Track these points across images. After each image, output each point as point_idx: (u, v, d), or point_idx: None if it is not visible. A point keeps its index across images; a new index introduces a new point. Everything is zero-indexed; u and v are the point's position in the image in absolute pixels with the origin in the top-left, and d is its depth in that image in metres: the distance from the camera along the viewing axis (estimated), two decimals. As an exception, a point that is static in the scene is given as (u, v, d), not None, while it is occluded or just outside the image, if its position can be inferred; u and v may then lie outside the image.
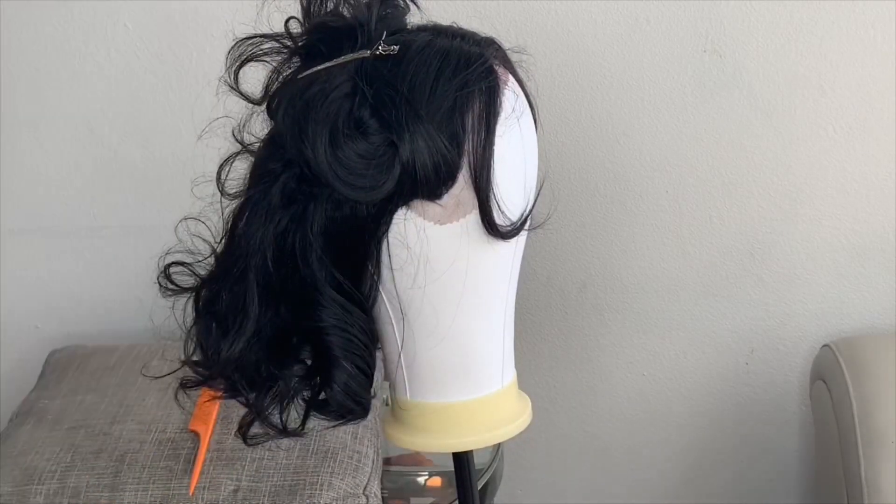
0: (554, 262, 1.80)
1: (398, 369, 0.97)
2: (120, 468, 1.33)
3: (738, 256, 1.76)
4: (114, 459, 1.35)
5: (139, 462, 1.34)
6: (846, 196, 1.70)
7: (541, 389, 1.89)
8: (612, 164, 1.72)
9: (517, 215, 0.91)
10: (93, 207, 1.81)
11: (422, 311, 0.93)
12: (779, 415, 1.88)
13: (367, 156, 0.85)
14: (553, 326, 1.86)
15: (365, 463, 1.36)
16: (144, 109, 1.73)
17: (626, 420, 1.92)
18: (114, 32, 1.69)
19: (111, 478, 1.32)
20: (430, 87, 0.85)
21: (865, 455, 1.51)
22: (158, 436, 1.38)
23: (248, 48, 0.92)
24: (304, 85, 0.87)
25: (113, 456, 1.36)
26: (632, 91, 1.67)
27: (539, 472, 1.99)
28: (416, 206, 0.88)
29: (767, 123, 1.67)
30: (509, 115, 0.89)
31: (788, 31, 1.61)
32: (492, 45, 0.92)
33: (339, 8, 0.90)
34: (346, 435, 1.38)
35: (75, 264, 1.84)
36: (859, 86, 1.64)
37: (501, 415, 1.00)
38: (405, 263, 0.90)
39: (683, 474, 1.95)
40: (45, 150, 1.77)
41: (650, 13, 1.62)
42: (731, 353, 1.84)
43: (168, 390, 1.36)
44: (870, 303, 1.77)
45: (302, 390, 0.96)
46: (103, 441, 1.39)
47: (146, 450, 1.36)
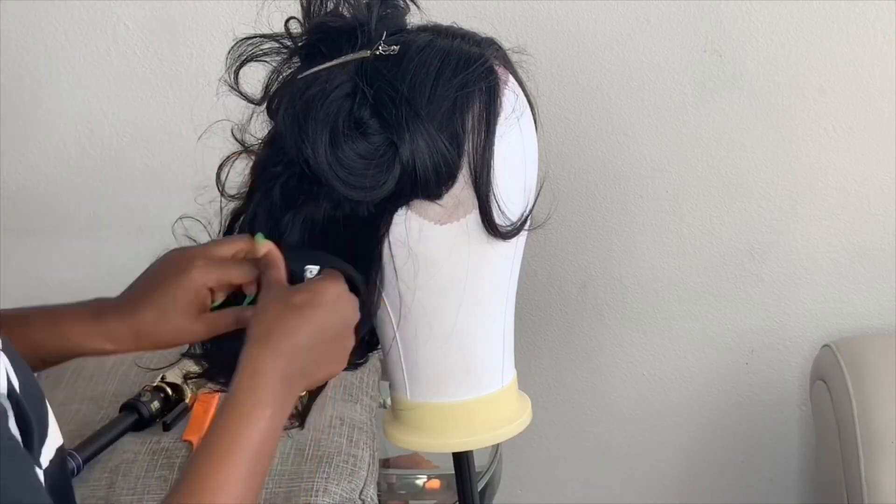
0: (554, 262, 1.80)
1: (398, 369, 0.97)
2: (114, 479, 1.32)
3: (738, 256, 1.76)
4: (108, 471, 1.33)
5: (133, 473, 1.32)
6: (846, 196, 1.70)
7: (541, 389, 1.89)
8: (612, 164, 1.72)
9: (517, 215, 0.91)
10: (93, 207, 1.80)
11: (422, 310, 0.93)
12: (779, 415, 1.88)
13: (368, 156, 0.85)
14: (553, 326, 1.86)
15: (361, 467, 1.35)
16: (144, 109, 1.73)
17: (626, 420, 1.92)
18: (114, 32, 1.69)
19: (105, 489, 1.31)
20: (430, 87, 0.85)
21: (865, 455, 1.51)
22: (153, 446, 1.37)
23: (248, 48, 0.91)
24: (304, 85, 0.87)
25: (107, 467, 1.34)
26: (632, 91, 1.67)
27: (539, 472, 1.99)
28: (416, 206, 0.88)
29: (767, 123, 1.67)
30: (509, 115, 0.89)
31: (788, 31, 1.61)
32: (492, 45, 0.92)
33: (339, 8, 0.90)
34: (342, 439, 1.38)
35: (75, 264, 1.84)
36: (859, 86, 1.64)
37: (501, 415, 1.00)
38: (405, 263, 0.90)
39: (683, 474, 1.95)
40: (45, 151, 1.77)
41: (650, 13, 1.62)
42: (731, 353, 1.84)
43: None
44: (870, 303, 1.77)
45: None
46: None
47: (140, 460, 1.34)
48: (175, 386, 1.41)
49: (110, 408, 1.44)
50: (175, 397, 1.41)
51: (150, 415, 1.39)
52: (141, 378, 1.47)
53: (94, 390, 1.51)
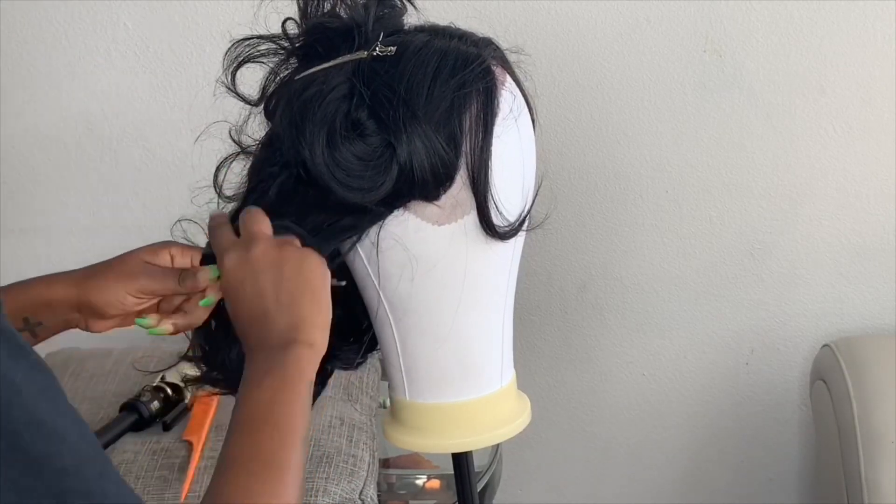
0: (554, 262, 1.80)
1: (397, 370, 0.97)
2: None
3: (738, 256, 1.76)
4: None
5: (133, 472, 1.33)
6: (846, 196, 1.70)
7: (541, 389, 1.89)
8: (612, 164, 1.72)
9: (515, 216, 0.91)
10: (93, 207, 1.80)
11: (420, 311, 0.93)
12: (779, 415, 1.88)
13: (365, 157, 0.85)
14: (553, 326, 1.86)
15: (361, 467, 1.35)
16: (144, 109, 1.73)
17: (626, 420, 1.92)
18: (114, 32, 1.69)
19: None
20: (427, 87, 0.85)
21: (865, 455, 1.51)
22: (153, 446, 1.37)
23: (246, 49, 0.92)
24: (301, 86, 0.87)
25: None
26: (632, 91, 1.67)
27: (539, 472, 1.99)
28: (413, 206, 0.88)
29: (767, 123, 1.67)
30: (507, 116, 0.89)
31: (788, 31, 1.61)
32: (489, 45, 0.92)
33: (335, 9, 0.90)
34: (342, 439, 1.38)
35: (75, 264, 1.83)
36: (859, 86, 1.64)
37: (501, 415, 1.00)
38: (403, 264, 0.90)
39: (683, 474, 1.95)
40: (45, 151, 1.77)
41: (650, 13, 1.62)
42: (731, 353, 1.84)
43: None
44: (870, 303, 1.77)
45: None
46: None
47: (140, 460, 1.35)
48: (175, 386, 1.41)
49: (110, 408, 1.44)
50: (175, 397, 1.41)
51: (150, 415, 1.39)
52: (141, 378, 1.47)
53: (94, 390, 1.51)
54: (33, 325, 0.92)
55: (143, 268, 0.91)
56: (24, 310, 0.91)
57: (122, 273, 0.92)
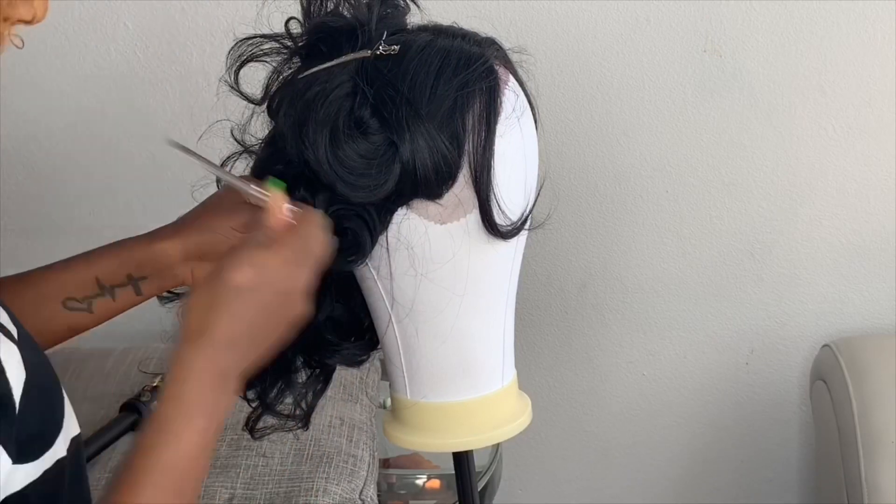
0: (554, 262, 1.80)
1: (398, 369, 0.97)
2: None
3: (738, 256, 1.77)
4: (108, 471, 1.33)
5: None
6: (846, 196, 1.70)
7: (541, 389, 1.89)
8: (612, 164, 1.72)
9: (517, 215, 0.91)
10: (93, 207, 1.80)
11: (421, 310, 0.93)
12: (779, 415, 1.88)
13: (368, 155, 0.85)
14: (553, 326, 1.86)
15: (361, 467, 1.35)
16: (144, 109, 1.73)
17: (626, 420, 1.92)
18: (114, 32, 1.69)
19: (106, 490, 1.31)
20: (430, 86, 0.85)
21: (865, 455, 1.51)
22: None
23: (249, 48, 0.92)
24: (304, 85, 0.87)
25: (107, 467, 1.34)
26: (632, 91, 1.67)
27: (539, 472, 1.99)
28: (416, 205, 0.88)
29: (767, 123, 1.67)
30: (510, 115, 0.89)
31: (788, 31, 1.61)
32: (492, 44, 0.92)
33: (339, 8, 0.90)
34: (342, 439, 1.38)
35: (75, 264, 1.83)
36: (859, 86, 1.64)
37: (501, 414, 1.00)
38: (405, 262, 0.90)
39: (683, 474, 1.95)
40: (45, 150, 1.77)
41: (650, 13, 1.62)
42: (731, 353, 1.84)
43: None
44: (870, 303, 1.77)
45: (310, 384, 0.97)
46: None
47: None
48: (175, 386, 1.40)
49: (110, 408, 1.44)
50: (175, 398, 1.40)
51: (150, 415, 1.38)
52: (141, 378, 1.46)
53: (94, 390, 1.51)
54: (137, 280, 0.93)
55: (239, 203, 0.90)
56: (125, 265, 0.93)
57: (222, 209, 0.92)
